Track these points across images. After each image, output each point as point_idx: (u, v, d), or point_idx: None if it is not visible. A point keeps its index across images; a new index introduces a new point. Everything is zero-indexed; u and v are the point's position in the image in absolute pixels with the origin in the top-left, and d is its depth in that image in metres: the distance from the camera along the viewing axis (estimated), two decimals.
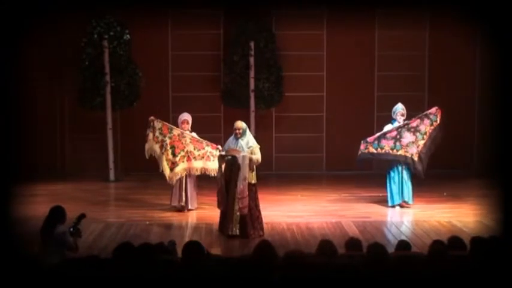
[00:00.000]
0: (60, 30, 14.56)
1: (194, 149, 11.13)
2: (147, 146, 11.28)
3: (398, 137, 11.46)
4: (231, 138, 9.82)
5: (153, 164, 15.03)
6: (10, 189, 12.41)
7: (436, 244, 6.47)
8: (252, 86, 14.41)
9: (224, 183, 9.64)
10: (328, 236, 8.85)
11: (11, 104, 14.60)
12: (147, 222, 10.56)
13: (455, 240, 6.74)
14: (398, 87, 15.20)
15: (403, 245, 7.05)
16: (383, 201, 12.11)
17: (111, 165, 14.40)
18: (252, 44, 14.31)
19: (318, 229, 10.16)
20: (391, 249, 6.75)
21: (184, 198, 11.30)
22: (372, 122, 15.09)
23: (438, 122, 11.54)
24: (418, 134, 11.47)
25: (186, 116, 11.47)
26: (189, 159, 11.11)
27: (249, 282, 5.60)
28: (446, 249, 6.39)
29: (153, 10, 14.22)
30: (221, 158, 9.75)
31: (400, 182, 11.58)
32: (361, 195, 12.66)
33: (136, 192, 13.16)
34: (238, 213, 9.55)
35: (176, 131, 11.22)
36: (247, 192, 9.47)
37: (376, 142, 11.52)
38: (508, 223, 8.95)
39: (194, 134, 11.41)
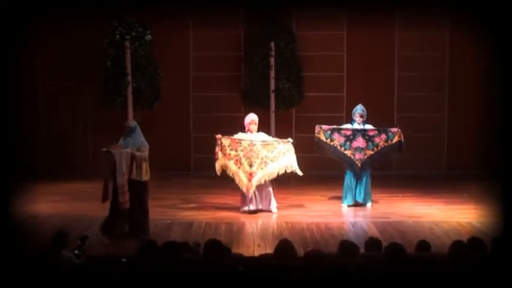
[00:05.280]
0: (82, 31, 14.63)
1: (268, 152, 11.06)
2: (217, 165, 11.14)
3: (351, 137, 11.57)
4: (123, 136, 9.83)
5: (174, 163, 15.26)
6: (33, 188, 12.64)
7: (457, 244, 6.47)
8: (272, 86, 14.48)
9: (110, 178, 9.58)
10: (347, 236, 8.92)
11: (32, 104, 14.78)
12: (168, 221, 10.62)
13: (475, 241, 6.74)
14: (418, 88, 15.28)
15: (422, 245, 7.03)
16: (403, 202, 12.20)
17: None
18: (272, 45, 14.37)
19: (337, 229, 10.19)
20: (410, 250, 6.75)
21: (255, 201, 11.24)
22: (392, 122, 15.01)
23: (393, 141, 11.56)
24: (370, 143, 11.55)
25: (253, 117, 11.32)
26: (266, 164, 11.04)
27: (269, 280, 5.65)
28: (467, 249, 6.39)
29: (174, 11, 14.33)
30: (103, 153, 9.67)
31: (355, 182, 11.66)
32: (380, 195, 12.61)
33: (158, 191, 12.99)
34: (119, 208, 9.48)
35: (245, 142, 11.08)
36: (127, 188, 9.42)
37: (329, 132, 11.64)
38: None
39: (262, 134, 11.38)
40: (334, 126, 11.72)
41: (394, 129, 11.66)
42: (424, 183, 13.92)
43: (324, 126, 11.68)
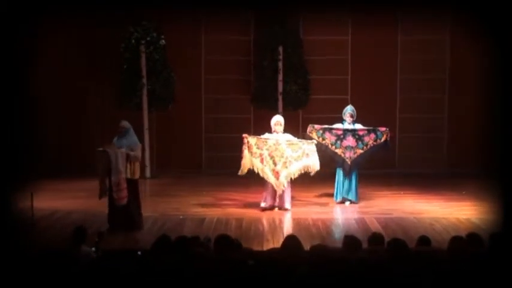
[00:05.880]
0: (99, 34, 14.80)
1: (292, 152, 11.27)
2: (244, 163, 11.27)
3: (342, 137, 11.87)
4: (116, 136, 10.14)
5: (187, 162, 15.53)
6: (50, 186, 12.98)
7: (456, 240, 6.66)
8: (280, 88, 14.71)
9: (105, 176, 9.89)
10: (351, 232, 8.93)
11: (49, 105, 14.98)
12: (181, 217, 10.80)
13: (473, 237, 6.87)
14: (420, 90, 15.47)
15: (423, 240, 7.16)
16: (405, 199, 12.42)
17: (147, 162, 14.65)
18: (280, 49, 14.58)
19: (342, 225, 10.47)
20: (412, 245, 6.94)
21: (278, 199, 11.45)
22: (395, 123, 15.32)
23: (381, 140, 11.88)
24: (359, 142, 11.85)
25: (279, 118, 11.53)
26: (290, 163, 11.24)
27: (277, 274, 5.84)
28: (466, 245, 6.58)
29: (187, 17, 14.56)
30: (99, 153, 9.94)
31: (344, 179, 11.94)
32: (384, 192, 12.89)
33: (171, 188, 13.45)
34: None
35: (271, 141, 11.27)
36: (125, 185, 9.76)
37: (320, 131, 11.90)
38: None
39: (288, 135, 11.53)
40: (326, 126, 11.96)
41: (383, 129, 11.92)
42: (425, 181, 14.13)
43: (316, 126, 11.95)
